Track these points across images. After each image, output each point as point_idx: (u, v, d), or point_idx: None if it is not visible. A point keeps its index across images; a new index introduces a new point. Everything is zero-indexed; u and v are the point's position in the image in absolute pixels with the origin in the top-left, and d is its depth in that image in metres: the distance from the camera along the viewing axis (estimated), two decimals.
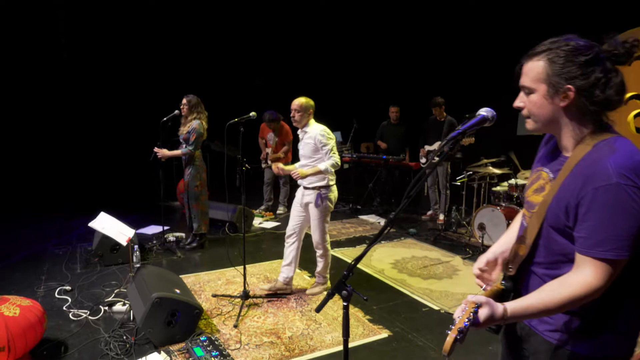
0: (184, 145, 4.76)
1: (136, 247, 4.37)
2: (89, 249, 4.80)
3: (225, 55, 8.67)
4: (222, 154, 8.24)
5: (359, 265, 4.26)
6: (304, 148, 3.72)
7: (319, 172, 3.58)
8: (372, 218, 6.70)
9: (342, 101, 8.91)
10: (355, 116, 7.28)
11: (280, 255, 4.89)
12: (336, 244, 5.36)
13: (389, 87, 8.75)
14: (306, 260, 4.75)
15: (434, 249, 5.20)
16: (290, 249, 3.90)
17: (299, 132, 3.78)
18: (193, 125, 4.66)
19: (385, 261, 4.76)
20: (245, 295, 3.56)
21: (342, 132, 8.31)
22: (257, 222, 6.28)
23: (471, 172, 5.90)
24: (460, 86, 7.58)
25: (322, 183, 3.66)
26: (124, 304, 3.43)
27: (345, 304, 1.46)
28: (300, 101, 3.63)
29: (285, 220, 6.57)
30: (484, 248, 5.01)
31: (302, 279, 4.21)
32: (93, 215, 3.70)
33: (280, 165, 3.75)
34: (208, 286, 3.98)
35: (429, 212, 6.85)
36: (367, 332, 3.23)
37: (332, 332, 3.20)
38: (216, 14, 8.40)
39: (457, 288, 4.04)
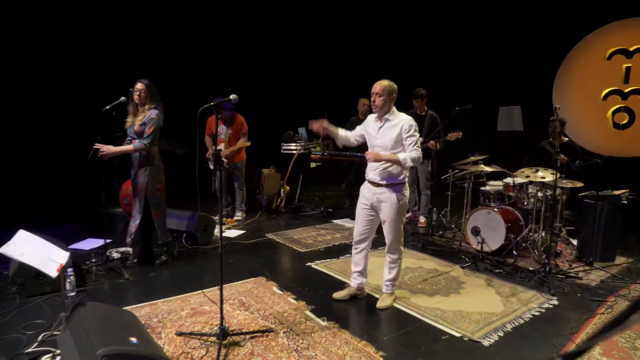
0: (134, 140, 3.84)
1: (70, 270, 3.39)
2: (5, 274, 3.73)
3: (170, 38, 7.64)
4: (166, 153, 7.26)
5: (339, 277, 3.52)
6: (382, 137, 3.23)
7: (397, 162, 3.13)
8: (347, 222, 6.02)
9: (310, 93, 8.17)
10: (327, 109, 6.56)
11: (254, 272, 4.09)
12: (315, 255, 4.63)
13: (360, 78, 8.11)
14: (288, 277, 3.98)
15: (427, 258, 4.61)
16: (361, 255, 3.52)
17: (374, 119, 3.31)
18: (151, 115, 3.78)
19: (378, 274, 4.07)
20: (223, 334, 2.74)
21: (307, 128, 7.56)
22: (217, 230, 5.39)
23: (457, 171, 5.40)
24: (435, 78, 7.10)
25: (400, 179, 3.23)
26: (54, 357, 2.49)
27: None
28: (383, 84, 3.17)
29: (250, 227, 5.75)
30: (483, 256, 4.49)
31: (287, 304, 3.43)
32: (11, 231, 2.72)
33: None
34: (169, 320, 3.10)
35: (408, 214, 6.29)
36: None
37: None
38: None
39: (471, 306, 3.45)
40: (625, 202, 4.49)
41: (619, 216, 4.56)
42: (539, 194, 4.54)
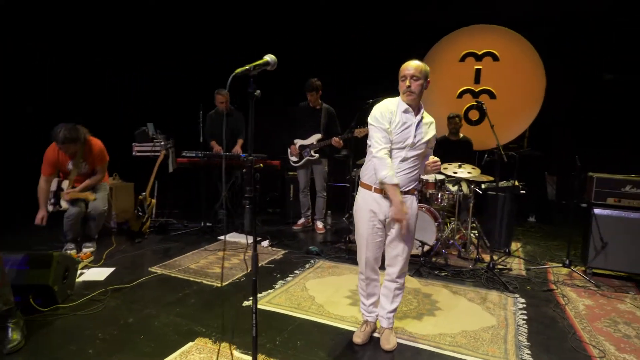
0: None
1: None
2: None
3: None
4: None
5: (303, 316, 2.70)
6: (419, 136, 2.49)
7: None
8: (239, 238, 4.94)
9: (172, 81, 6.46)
10: (201, 101, 5.24)
11: (180, 332, 2.72)
12: (241, 289, 3.52)
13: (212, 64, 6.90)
14: (238, 331, 2.78)
15: None
16: (374, 284, 2.81)
17: (403, 110, 2.48)
18: None
19: (340, 302, 3.32)
20: None
21: (155, 124, 5.91)
22: (79, 272, 3.65)
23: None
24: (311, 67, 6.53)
25: (417, 183, 2.61)
26: None
27: None
28: (418, 65, 2.43)
29: (116, 261, 4.05)
30: (424, 260, 4.18)
31: None
32: None
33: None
34: None
35: (301, 221, 5.60)
36: None
37: None
38: None
39: (468, 323, 3.03)
40: (524, 192, 4.84)
41: (515, 205, 4.91)
42: (463, 189, 4.50)
